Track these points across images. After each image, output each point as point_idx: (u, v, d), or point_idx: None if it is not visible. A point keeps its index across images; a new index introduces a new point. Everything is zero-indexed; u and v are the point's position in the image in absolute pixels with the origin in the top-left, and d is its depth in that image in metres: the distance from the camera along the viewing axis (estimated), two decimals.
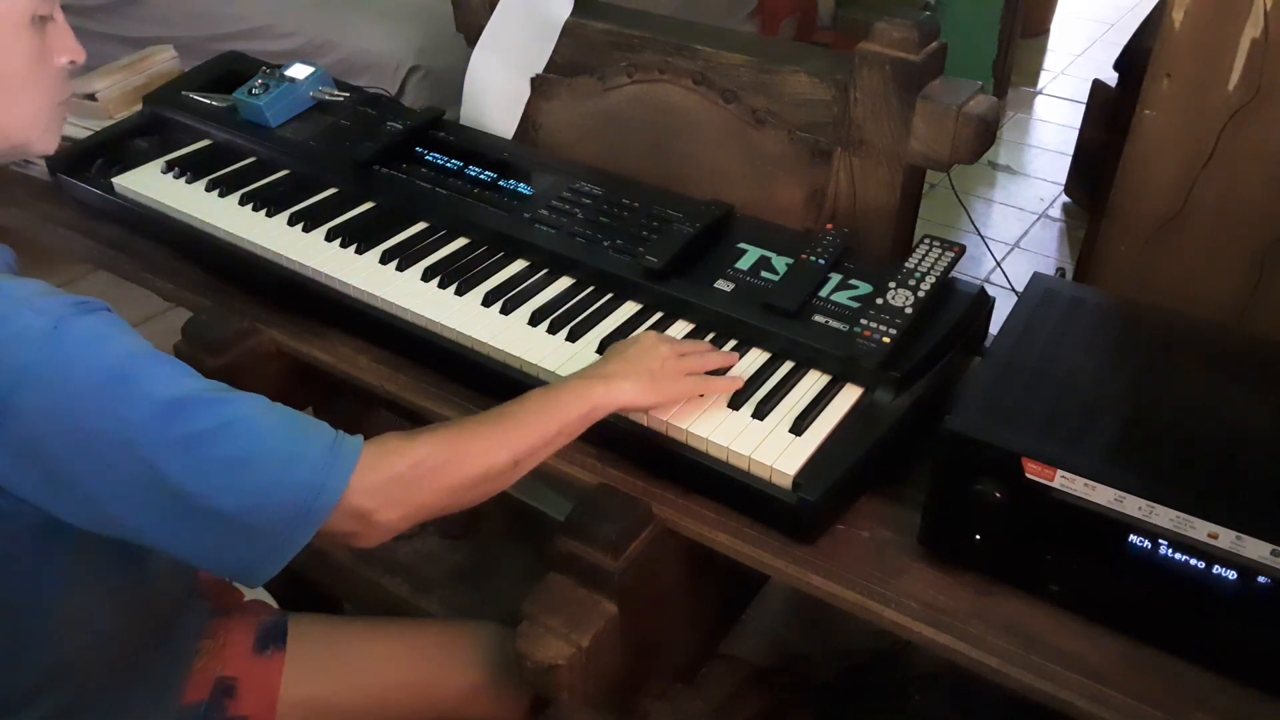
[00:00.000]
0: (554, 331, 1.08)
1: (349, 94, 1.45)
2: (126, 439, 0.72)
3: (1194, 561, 0.77)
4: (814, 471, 0.91)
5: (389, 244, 1.21)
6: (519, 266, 1.18)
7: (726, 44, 1.25)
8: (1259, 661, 0.78)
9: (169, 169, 1.38)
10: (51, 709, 0.90)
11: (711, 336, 1.07)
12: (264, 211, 1.27)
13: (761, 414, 0.96)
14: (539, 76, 1.38)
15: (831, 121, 1.17)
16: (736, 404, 0.98)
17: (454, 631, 1.14)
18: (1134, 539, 0.79)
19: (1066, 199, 3.05)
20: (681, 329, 1.08)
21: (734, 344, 1.06)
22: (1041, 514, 0.82)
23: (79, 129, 1.50)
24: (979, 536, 0.86)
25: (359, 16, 2.39)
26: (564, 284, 1.15)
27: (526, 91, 1.39)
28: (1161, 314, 1.00)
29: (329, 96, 1.44)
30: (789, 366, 1.03)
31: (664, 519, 0.95)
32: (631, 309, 1.12)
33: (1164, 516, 0.77)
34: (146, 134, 1.48)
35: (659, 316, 1.10)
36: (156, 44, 1.71)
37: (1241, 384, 0.89)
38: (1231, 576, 0.76)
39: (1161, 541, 0.78)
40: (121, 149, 1.44)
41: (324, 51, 2.35)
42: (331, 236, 1.23)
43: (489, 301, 1.12)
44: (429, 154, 1.33)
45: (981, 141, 1.08)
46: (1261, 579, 0.75)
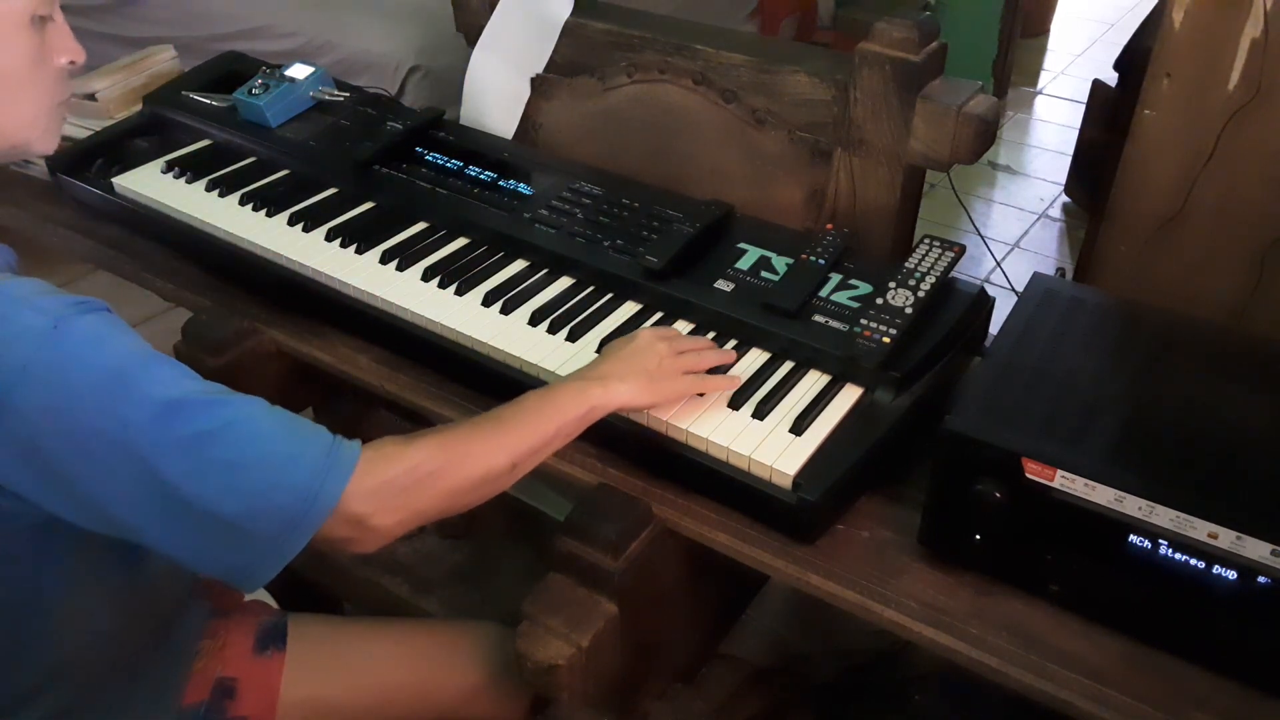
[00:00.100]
0: (554, 331, 1.08)
1: (349, 94, 1.45)
2: (124, 439, 0.72)
3: (1194, 561, 0.77)
4: (814, 471, 0.91)
5: (389, 244, 1.21)
6: (519, 266, 1.18)
7: (726, 44, 1.24)
8: (1259, 661, 0.78)
9: (169, 169, 1.38)
10: (51, 709, 0.90)
11: (712, 336, 1.07)
12: (264, 211, 1.27)
13: (761, 414, 0.96)
14: (539, 76, 1.38)
15: (831, 121, 1.17)
16: (736, 404, 0.98)
17: (454, 631, 1.14)
18: (1134, 539, 0.79)
19: (1066, 199, 3.05)
20: (681, 329, 1.08)
21: (734, 344, 1.06)
22: (1041, 514, 0.82)
23: (79, 129, 1.50)
24: (979, 536, 0.86)
25: (359, 16, 2.39)
26: (564, 284, 1.15)
27: (526, 91, 1.39)
28: (1161, 314, 1.00)
29: (329, 96, 1.44)
30: (789, 366, 1.03)
31: (664, 519, 0.95)
32: (631, 309, 1.12)
33: (1164, 516, 0.77)
34: (146, 134, 1.48)
35: (659, 316, 1.10)
36: (156, 44, 1.71)
37: (1241, 384, 0.89)
38: (1231, 576, 0.76)
39: (1161, 541, 0.78)
40: (121, 149, 1.44)
41: (324, 51, 2.35)
42: (331, 236, 1.23)
43: (489, 301, 1.12)
44: (429, 154, 1.33)
45: (981, 141, 1.08)
46: (1261, 579, 0.75)
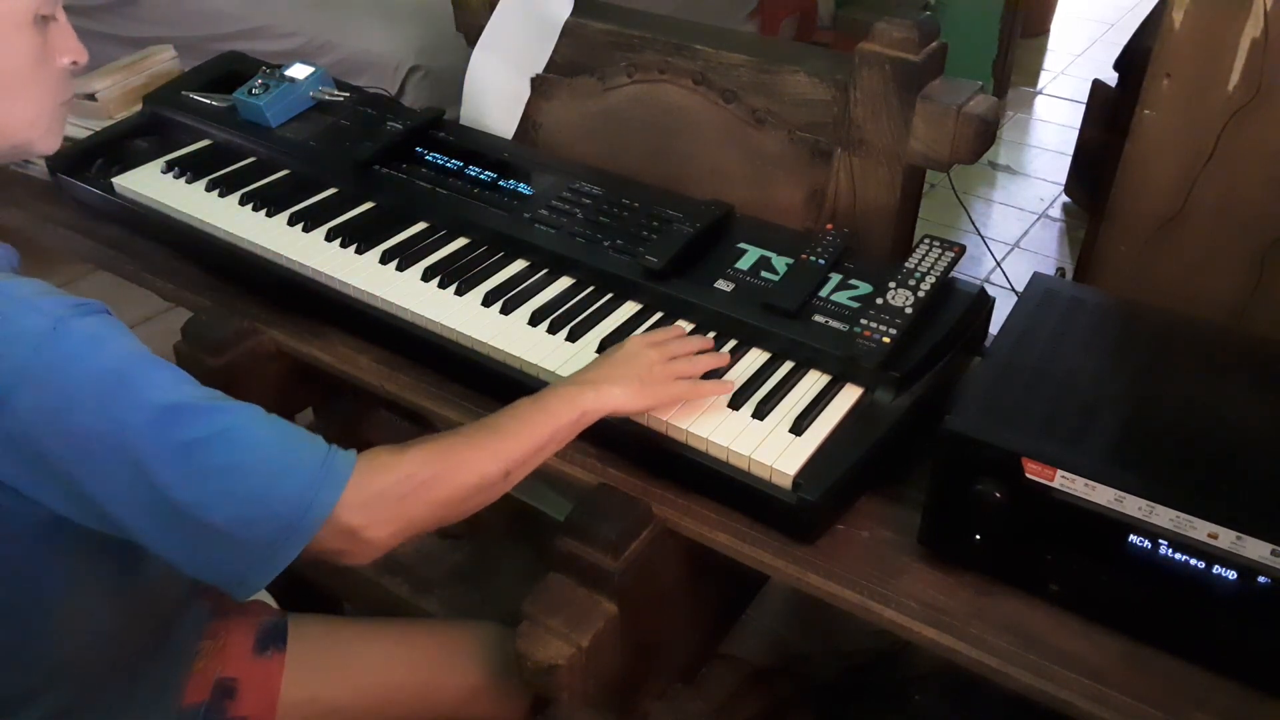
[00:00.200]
0: (554, 331, 1.08)
1: (349, 94, 1.45)
2: (121, 442, 0.72)
3: (1194, 561, 0.77)
4: (814, 471, 0.91)
5: (389, 244, 1.21)
6: (519, 266, 1.18)
7: (726, 44, 1.24)
8: (1259, 661, 0.78)
9: (169, 169, 1.38)
10: (52, 709, 0.90)
11: (712, 337, 1.07)
12: (264, 211, 1.27)
13: (761, 414, 0.96)
14: (539, 76, 1.38)
15: (831, 121, 1.17)
16: (736, 404, 0.98)
17: (454, 631, 1.14)
18: (1134, 539, 0.79)
19: (1066, 199, 3.05)
20: (682, 329, 1.08)
21: (734, 344, 1.06)
22: (1041, 514, 0.82)
23: (79, 129, 1.50)
24: (979, 536, 0.86)
25: (359, 16, 2.38)
26: (564, 284, 1.15)
27: (526, 91, 1.39)
28: (1161, 314, 1.00)
29: (329, 96, 1.44)
30: (789, 366, 1.03)
31: (664, 519, 0.95)
32: (631, 309, 1.12)
33: (1164, 516, 0.77)
34: (146, 134, 1.48)
35: (659, 316, 1.10)
36: (156, 44, 1.71)
37: (1241, 384, 0.89)
38: (1231, 576, 0.76)
39: (1161, 541, 0.78)
40: (121, 149, 1.44)
41: (324, 51, 2.35)
42: (331, 236, 1.23)
43: (489, 301, 1.12)
44: (429, 154, 1.33)
45: (981, 141, 1.08)
46: (1261, 579, 0.75)
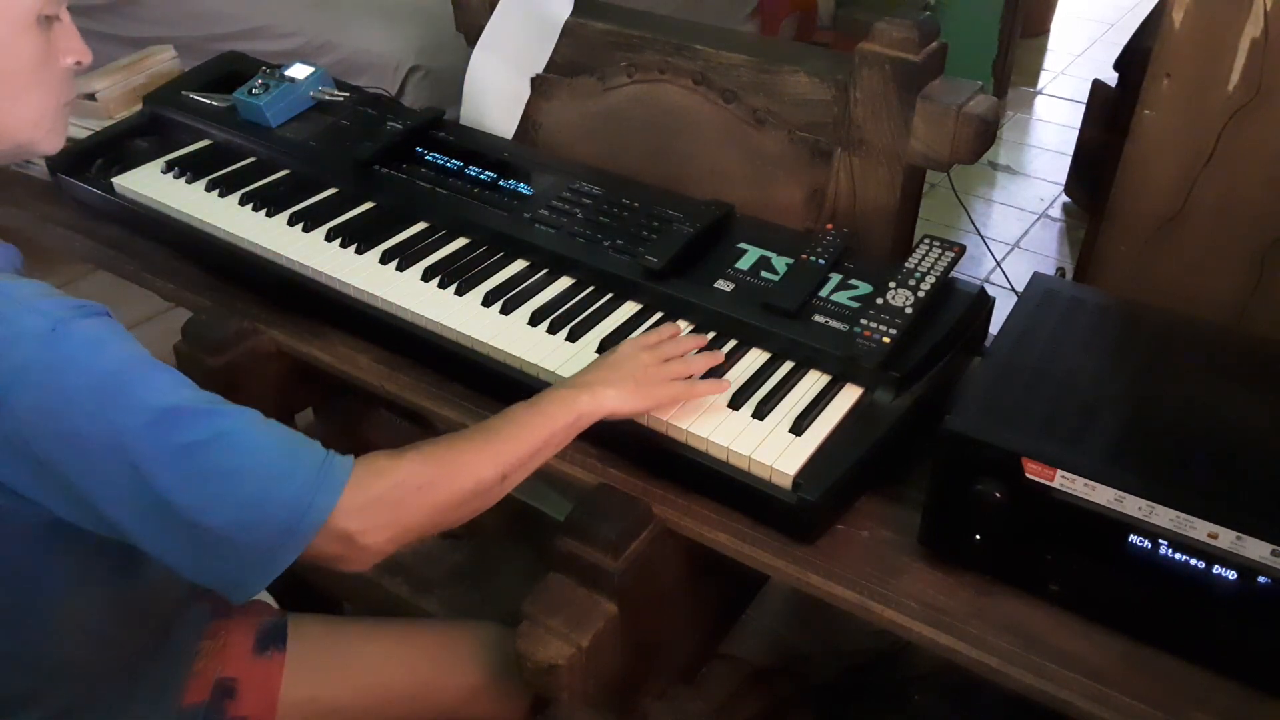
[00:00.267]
0: (554, 331, 1.08)
1: (349, 94, 1.45)
2: (118, 444, 0.72)
3: (1194, 561, 0.77)
4: (814, 471, 0.91)
5: (389, 244, 1.21)
6: (519, 266, 1.18)
7: (726, 44, 1.24)
8: (1259, 661, 0.78)
9: (169, 169, 1.38)
10: (52, 709, 0.90)
11: (712, 336, 1.07)
12: (264, 211, 1.27)
13: (761, 414, 0.96)
14: (539, 76, 1.38)
15: (831, 121, 1.17)
16: (736, 404, 0.98)
17: (454, 631, 1.14)
18: (1134, 539, 0.79)
19: (1066, 199, 3.05)
20: (682, 329, 1.08)
21: (734, 344, 1.06)
22: (1041, 514, 0.82)
23: (79, 129, 1.50)
24: (979, 536, 0.86)
25: (359, 16, 2.38)
26: (564, 284, 1.15)
27: (526, 91, 1.39)
28: (1161, 314, 1.00)
29: (329, 96, 1.44)
30: (789, 366, 1.03)
31: (664, 519, 0.95)
32: (631, 309, 1.12)
33: (1164, 516, 0.77)
34: (146, 134, 1.48)
35: (659, 316, 1.10)
36: (156, 44, 1.71)
37: (1241, 384, 0.89)
38: (1231, 576, 0.76)
39: (1161, 541, 0.78)
40: (121, 149, 1.44)
41: (324, 51, 2.35)
42: (331, 236, 1.23)
43: (489, 301, 1.12)
44: (429, 154, 1.33)
45: (981, 141, 1.08)
46: (1261, 579, 0.75)
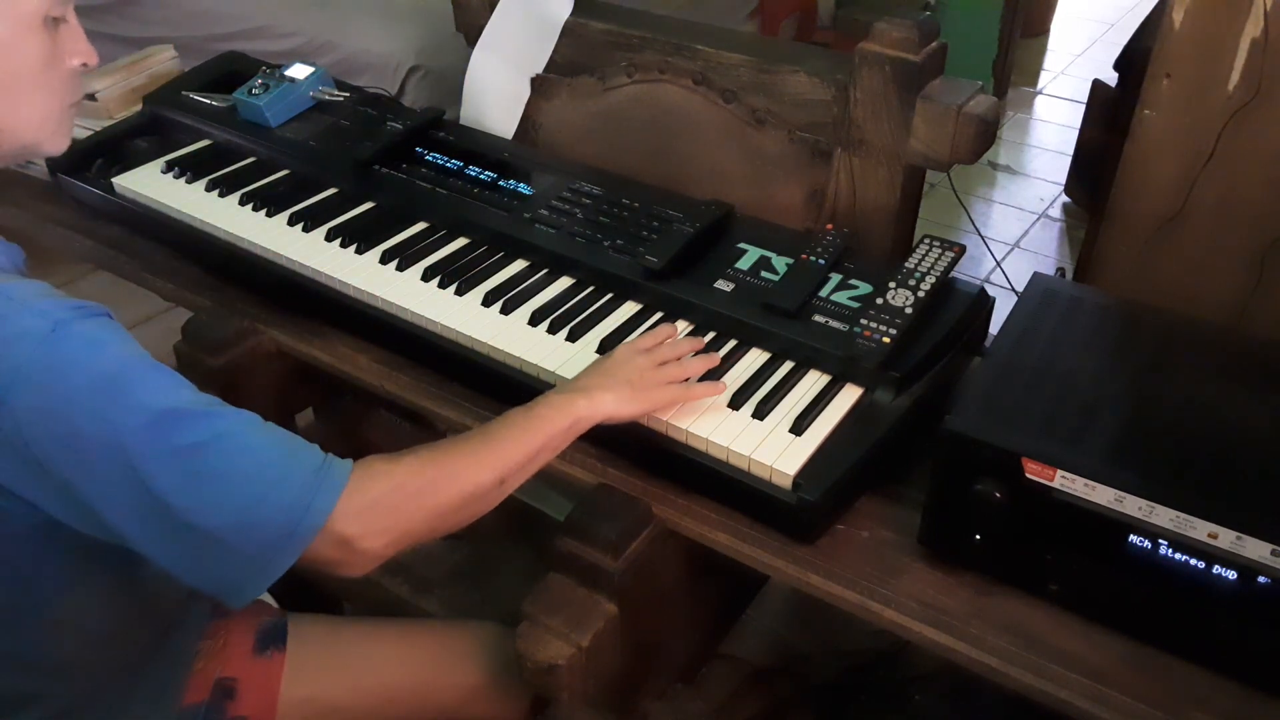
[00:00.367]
0: (554, 331, 1.08)
1: (349, 94, 1.45)
2: (117, 445, 0.72)
3: (1194, 561, 0.77)
4: (814, 471, 0.91)
5: (389, 244, 1.21)
6: (519, 266, 1.18)
7: (726, 44, 1.24)
8: (1259, 661, 0.78)
9: (169, 169, 1.38)
10: (52, 709, 0.90)
11: (712, 336, 1.07)
12: (264, 211, 1.27)
13: (761, 414, 0.96)
14: (539, 76, 1.38)
15: (831, 121, 1.17)
16: (736, 404, 0.98)
17: (454, 631, 1.14)
18: (1134, 539, 0.79)
19: (1066, 199, 3.05)
20: (681, 329, 1.08)
21: (734, 344, 1.06)
22: (1041, 514, 0.82)
23: (79, 129, 1.49)
24: (979, 536, 0.86)
25: (359, 16, 2.39)
26: (564, 284, 1.15)
27: (526, 91, 1.39)
28: (1161, 314, 1.00)
29: (329, 96, 1.44)
30: (789, 366, 1.03)
31: (664, 519, 0.95)
32: (631, 309, 1.12)
33: (1164, 516, 0.77)
34: (146, 134, 1.48)
35: (659, 316, 1.10)
36: (156, 44, 1.71)
37: (1241, 384, 0.89)
38: (1231, 576, 0.76)
39: (1161, 541, 0.78)
40: (121, 149, 1.44)
41: (324, 51, 2.35)
42: (331, 236, 1.23)
43: (489, 301, 1.12)
44: (429, 154, 1.33)
45: (981, 141, 1.08)
46: (1261, 579, 0.75)
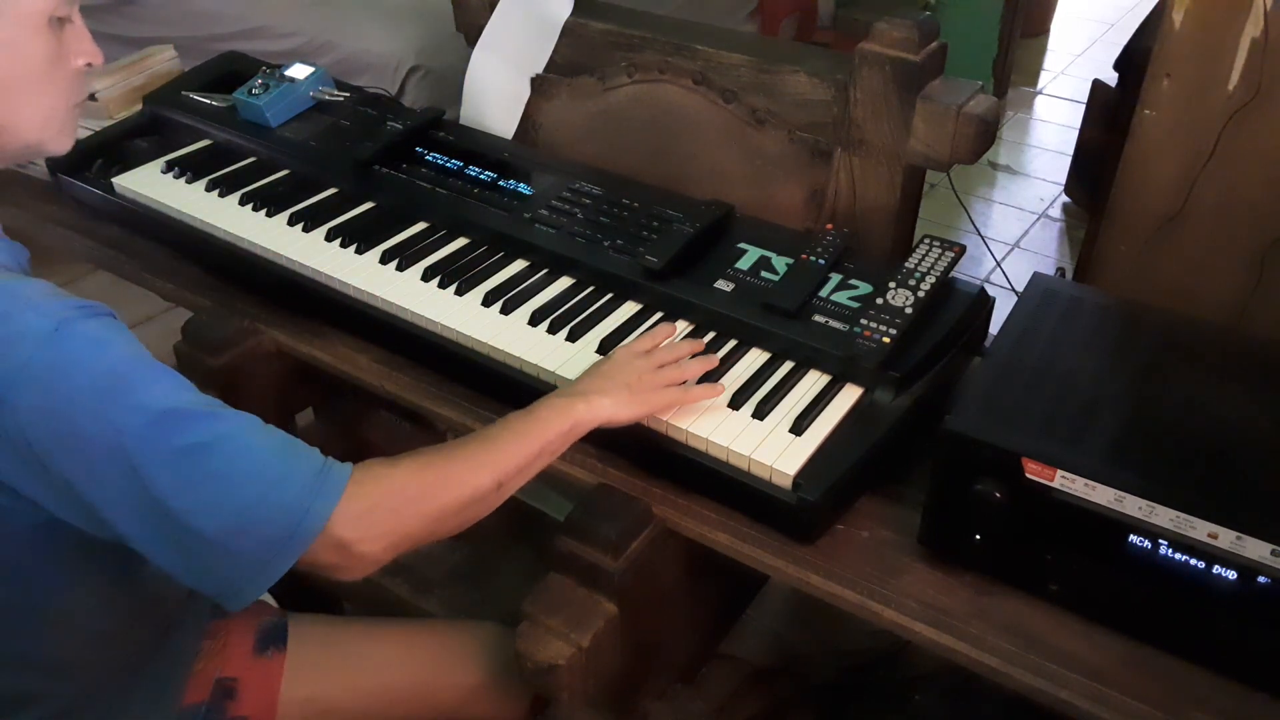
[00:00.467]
0: (554, 331, 1.08)
1: (349, 94, 1.45)
2: (118, 445, 0.72)
3: (1194, 561, 0.77)
4: (814, 471, 0.91)
5: (389, 244, 1.21)
6: (519, 266, 1.18)
7: (726, 44, 1.24)
8: (1259, 661, 0.78)
9: (169, 169, 1.38)
10: (52, 709, 0.90)
11: (712, 336, 1.07)
12: (264, 211, 1.27)
13: (761, 414, 0.96)
14: (539, 76, 1.38)
15: (831, 121, 1.17)
16: (736, 404, 0.98)
17: (454, 631, 1.14)
18: (1134, 539, 0.79)
19: (1066, 199, 3.05)
20: (681, 329, 1.08)
21: (734, 344, 1.06)
22: (1041, 514, 0.82)
23: (79, 129, 1.49)
24: (979, 536, 0.86)
25: (359, 16, 2.38)
26: (564, 284, 1.15)
27: (526, 91, 1.39)
28: (1161, 314, 1.00)
29: (329, 96, 1.44)
30: (789, 366, 1.03)
31: (664, 519, 0.95)
32: (631, 309, 1.12)
33: (1164, 516, 0.77)
34: (146, 134, 1.48)
35: (659, 316, 1.10)
36: (156, 44, 1.71)
37: (1241, 384, 0.89)
38: (1231, 576, 0.76)
39: (1161, 541, 0.78)
40: (121, 149, 1.44)
41: (324, 51, 2.35)
42: (331, 236, 1.23)
43: (489, 301, 1.12)
44: (429, 154, 1.33)
45: (981, 141, 1.08)
46: (1261, 579, 0.75)
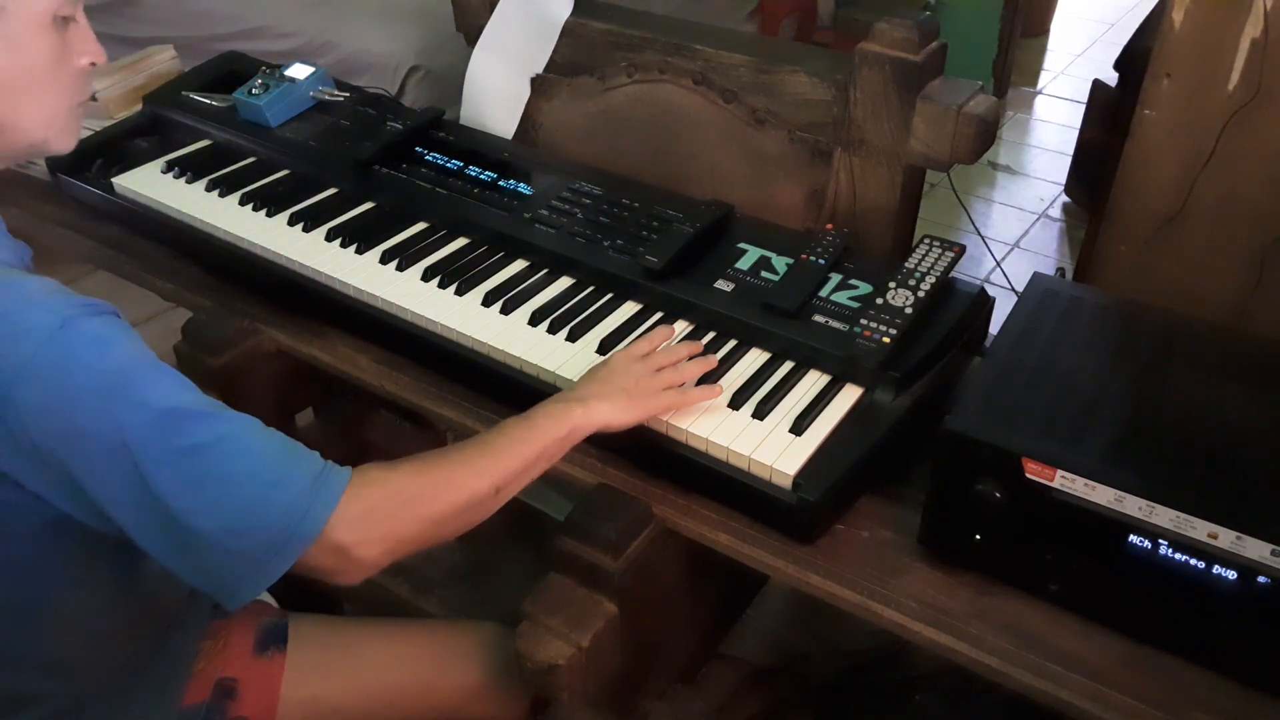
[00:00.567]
0: (554, 331, 1.08)
1: (349, 94, 1.45)
2: (119, 443, 0.72)
3: (1194, 561, 0.77)
4: (814, 471, 0.91)
5: (389, 244, 1.21)
6: (519, 266, 1.18)
7: (726, 44, 1.25)
8: (1259, 661, 0.78)
9: (169, 169, 1.38)
10: (52, 709, 0.90)
11: (712, 336, 1.07)
12: (264, 211, 1.27)
13: (761, 414, 0.96)
14: (539, 76, 1.38)
15: (831, 121, 1.17)
16: (736, 404, 0.98)
17: (454, 631, 1.14)
18: (1134, 539, 0.79)
19: (1066, 199, 3.05)
20: (681, 329, 1.08)
21: (734, 344, 1.06)
22: (1041, 514, 0.82)
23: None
24: (979, 536, 0.86)
25: (359, 16, 2.38)
26: (564, 284, 1.15)
27: (526, 91, 1.39)
28: (1161, 314, 1.00)
29: (329, 96, 1.44)
30: (789, 366, 1.03)
31: (664, 519, 0.95)
32: (631, 309, 1.12)
33: (1164, 516, 0.77)
34: (146, 134, 1.48)
35: (659, 316, 1.10)
36: (156, 44, 1.70)
37: (1241, 384, 0.89)
38: (1231, 576, 0.76)
39: (1161, 541, 0.78)
40: (121, 149, 1.44)
41: (324, 51, 2.35)
42: (331, 236, 1.23)
43: (489, 301, 1.12)
44: (429, 154, 1.33)
45: (981, 141, 1.08)
46: (1261, 579, 0.75)
